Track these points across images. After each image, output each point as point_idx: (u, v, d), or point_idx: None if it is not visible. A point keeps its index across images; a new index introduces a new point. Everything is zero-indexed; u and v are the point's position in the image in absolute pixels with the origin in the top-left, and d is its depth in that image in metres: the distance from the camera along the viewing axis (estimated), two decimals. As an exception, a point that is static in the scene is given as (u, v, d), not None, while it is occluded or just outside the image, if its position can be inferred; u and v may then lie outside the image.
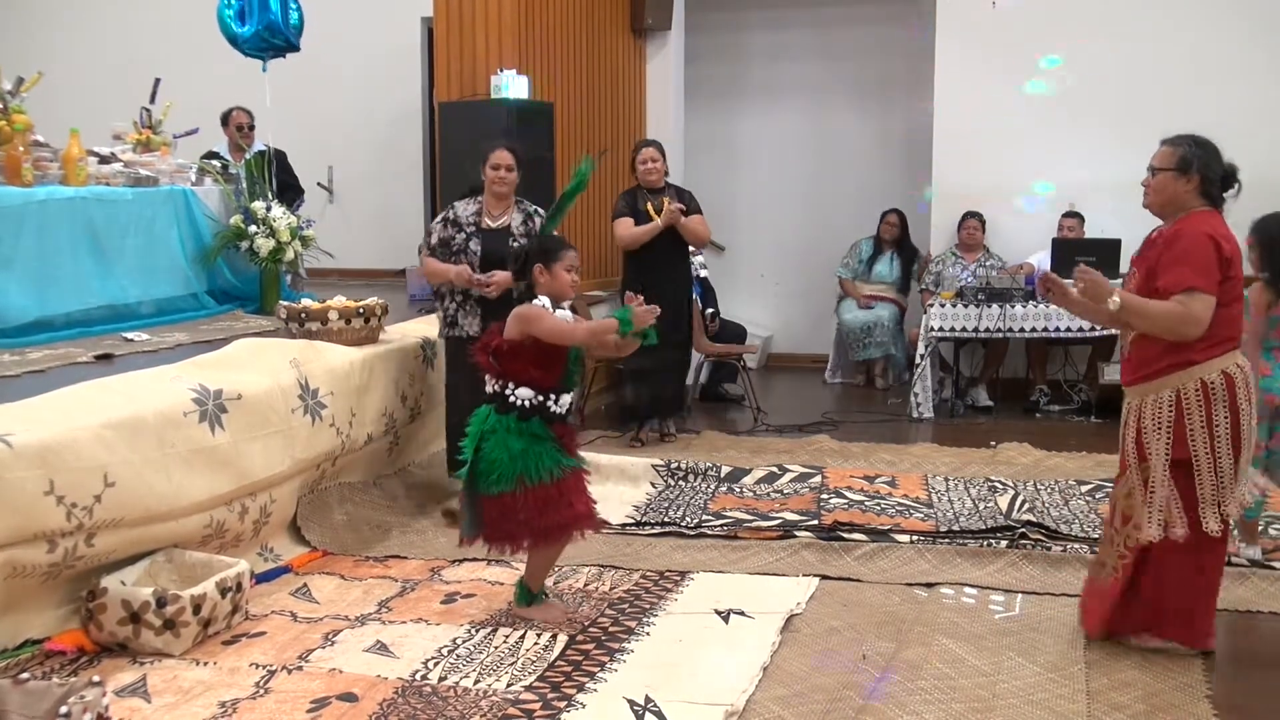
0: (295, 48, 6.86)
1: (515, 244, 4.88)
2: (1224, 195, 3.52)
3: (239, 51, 6.78)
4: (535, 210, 5.13)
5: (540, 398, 3.67)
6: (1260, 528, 4.48)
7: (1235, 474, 3.40)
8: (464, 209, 5.10)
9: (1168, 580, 3.49)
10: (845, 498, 5.28)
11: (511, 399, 3.66)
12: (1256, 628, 3.85)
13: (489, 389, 3.73)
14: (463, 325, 5.05)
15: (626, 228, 6.54)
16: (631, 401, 6.65)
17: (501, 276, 4.81)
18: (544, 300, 3.69)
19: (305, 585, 4.20)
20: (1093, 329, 7.14)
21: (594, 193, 8.07)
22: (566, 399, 3.75)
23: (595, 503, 3.81)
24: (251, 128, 7.54)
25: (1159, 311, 3.40)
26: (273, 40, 6.70)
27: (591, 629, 3.73)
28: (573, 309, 3.87)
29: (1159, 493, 3.42)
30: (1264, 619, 3.90)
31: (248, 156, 7.01)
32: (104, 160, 6.10)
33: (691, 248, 6.82)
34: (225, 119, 7.61)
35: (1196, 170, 3.48)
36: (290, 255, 6.33)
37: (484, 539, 3.76)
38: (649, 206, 6.49)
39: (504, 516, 3.64)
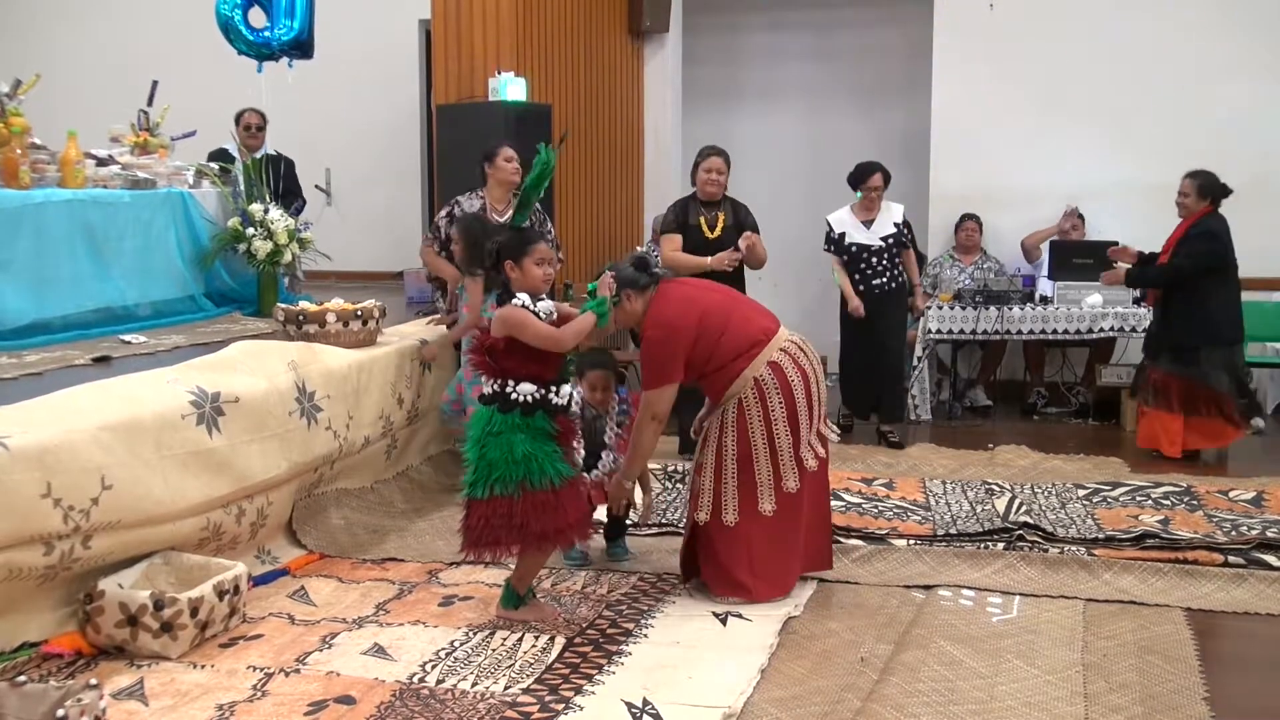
0: (309, 54, 6.84)
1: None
2: (649, 274, 4.04)
3: (248, 53, 6.73)
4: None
5: (542, 391, 3.64)
6: None
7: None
8: (468, 204, 5.32)
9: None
10: (843, 500, 5.27)
11: (514, 396, 3.62)
12: (1254, 629, 3.85)
13: (486, 390, 3.69)
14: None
15: (674, 246, 5.93)
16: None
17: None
18: (523, 298, 3.64)
19: (303, 588, 4.19)
20: (1089, 330, 7.15)
21: (586, 184, 8.05)
22: (566, 389, 3.73)
23: (593, 508, 3.80)
24: (260, 129, 7.48)
25: (635, 441, 4.07)
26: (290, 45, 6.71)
27: (589, 631, 3.72)
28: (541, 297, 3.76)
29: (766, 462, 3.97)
30: (1261, 620, 3.90)
31: (253, 157, 6.95)
32: (101, 163, 6.10)
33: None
34: (239, 118, 7.59)
35: (626, 289, 3.97)
36: (288, 257, 6.33)
37: (466, 545, 3.70)
38: (701, 221, 5.98)
39: (494, 521, 3.59)
